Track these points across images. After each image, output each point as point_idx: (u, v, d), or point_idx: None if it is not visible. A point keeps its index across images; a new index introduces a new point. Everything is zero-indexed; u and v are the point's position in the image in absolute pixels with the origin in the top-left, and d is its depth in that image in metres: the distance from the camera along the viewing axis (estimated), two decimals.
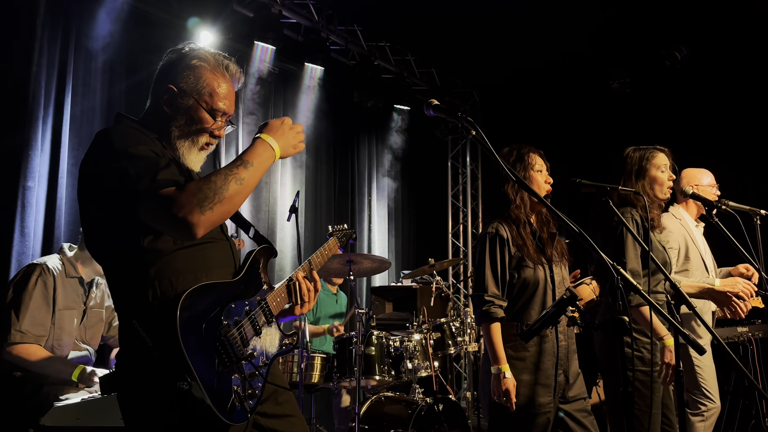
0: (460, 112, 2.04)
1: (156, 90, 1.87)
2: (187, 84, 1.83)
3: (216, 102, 1.86)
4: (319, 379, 4.23)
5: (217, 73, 1.87)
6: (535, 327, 2.00)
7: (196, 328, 1.65)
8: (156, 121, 1.85)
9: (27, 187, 4.24)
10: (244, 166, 1.71)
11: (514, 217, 2.71)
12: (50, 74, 4.44)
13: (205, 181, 1.64)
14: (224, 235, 1.92)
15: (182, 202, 1.59)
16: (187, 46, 1.91)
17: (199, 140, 1.86)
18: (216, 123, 1.87)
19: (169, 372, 1.58)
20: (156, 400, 1.63)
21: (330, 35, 6.02)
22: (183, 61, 1.85)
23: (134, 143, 1.70)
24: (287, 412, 1.95)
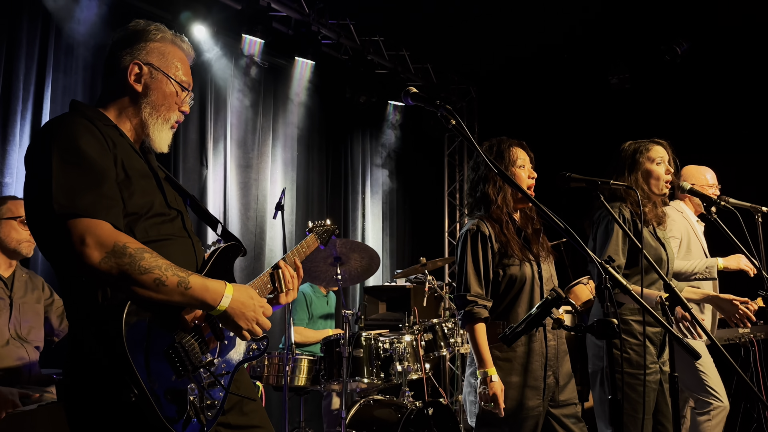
0: (439, 101, 1.90)
1: (115, 72, 1.79)
2: (154, 59, 1.80)
3: (181, 75, 1.84)
4: (305, 381, 4.11)
5: (176, 46, 1.87)
6: (518, 330, 1.87)
7: (146, 334, 1.53)
8: (120, 102, 1.78)
9: (4, 183, 4.13)
10: (182, 283, 1.55)
11: (496, 217, 2.61)
12: (29, 68, 4.33)
13: (138, 249, 1.51)
14: (186, 232, 1.80)
15: (90, 238, 1.48)
16: (140, 23, 1.85)
17: (171, 117, 1.83)
18: (183, 97, 1.85)
19: (115, 381, 1.46)
20: (101, 411, 1.52)
21: (321, 29, 5.89)
22: (144, 36, 1.82)
23: (78, 147, 1.57)
24: (253, 423, 1.83)
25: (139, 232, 1.65)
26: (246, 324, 1.65)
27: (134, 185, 1.66)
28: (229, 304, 1.62)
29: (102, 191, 1.55)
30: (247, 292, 1.67)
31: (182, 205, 1.86)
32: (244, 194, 5.84)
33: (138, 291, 1.51)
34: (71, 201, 1.50)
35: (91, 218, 1.50)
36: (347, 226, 7.02)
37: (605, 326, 1.69)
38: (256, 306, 1.67)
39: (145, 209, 1.68)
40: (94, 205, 1.52)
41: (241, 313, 1.64)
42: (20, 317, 2.85)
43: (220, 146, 5.64)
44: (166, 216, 1.74)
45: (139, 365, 1.48)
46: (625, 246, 2.81)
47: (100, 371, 1.51)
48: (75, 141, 1.58)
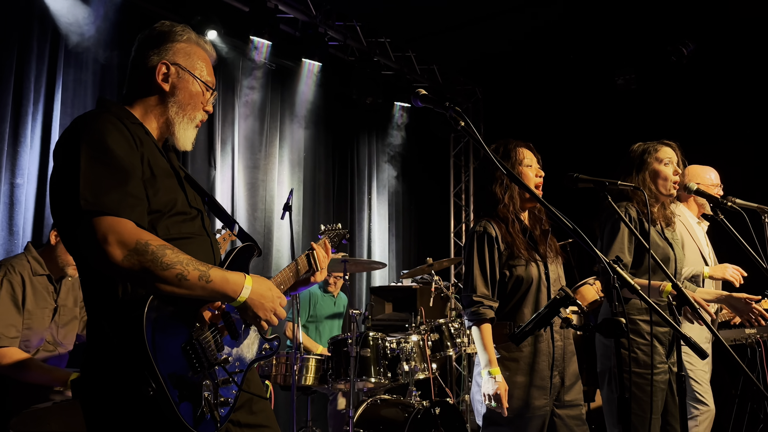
0: (448, 102, 1.92)
1: (142, 71, 1.81)
2: (180, 59, 1.83)
3: (206, 75, 1.88)
4: (313, 381, 4.14)
5: (199, 47, 1.90)
6: (526, 329, 1.89)
7: (166, 330, 1.56)
8: (147, 101, 1.81)
9: (16, 184, 4.17)
10: (203, 277, 1.59)
11: (502, 216, 2.62)
12: (40, 70, 4.37)
13: (160, 246, 1.55)
14: (205, 231, 1.83)
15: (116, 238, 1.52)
16: (166, 24, 1.89)
17: (196, 116, 1.86)
18: (208, 97, 1.89)
19: (133, 375, 1.49)
20: (119, 404, 1.54)
21: (328, 30, 5.92)
22: (171, 37, 1.84)
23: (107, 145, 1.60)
24: (261, 422, 1.85)
25: (161, 229, 1.68)
26: (264, 314, 1.70)
27: (159, 183, 1.69)
28: (249, 295, 1.66)
29: (127, 189, 1.58)
30: (265, 284, 1.72)
31: (201, 205, 1.89)
32: (251, 195, 5.87)
33: (161, 287, 1.55)
34: (97, 198, 1.53)
35: (114, 216, 1.53)
36: (354, 226, 7.04)
37: (613, 325, 1.70)
38: (274, 297, 1.72)
39: (168, 207, 1.71)
40: (119, 203, 1.55)
41: (260, 303, 1.68)
42: (59, 321, 2.90)
43: (227, 147, 5.68)
44: (187, 215, 1.77)
45: (158, 361, 1.50)
46: (631, 245, 2.82)
47: (119, 365, 1.53)
48: (103, 138, 1.60)
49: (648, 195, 2.90)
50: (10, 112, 4.16)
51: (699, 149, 4.25)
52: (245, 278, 1.67)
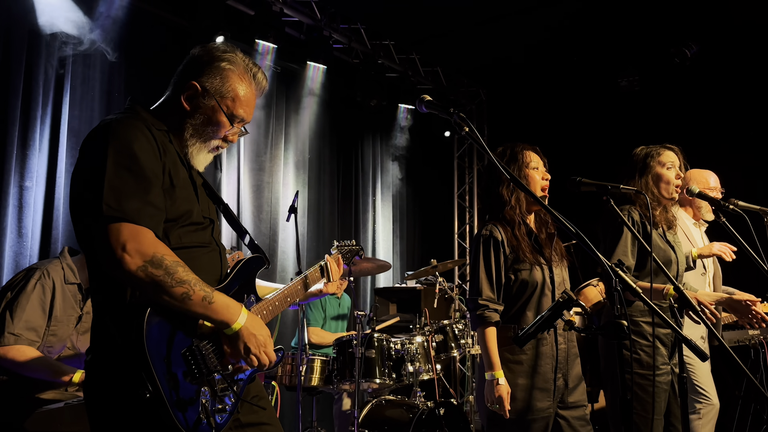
0: (453, 108, 1.96)
1: (178, 83, 1.83)
2: (212, 84, 1.80)
3: (237, 108, 1.82)
4: (318, 381, 4.17)
5: (243, 79, 1.84)
6: (529, 331, 1.92)
7: (167, 336, 1.59)
8: (171, 114, 1.82)
9: (25, 187, 4.21)
10: (207, 298, 1.63)
11: (509, 218, 2.64)
12: (48, 73, 4.41)
13: (173, 263, 1.59)
14: (215, 241, 1.86)
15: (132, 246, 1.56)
16: (220, 45, 1.87)
17: (212, 143, 1.84)
18: (232, 129, 1.84)
19: (132, 377, 1.52)
20: (119, 405, 1.58)
21: (333, 33, 5.96)
22: (212, 61, 1.82)
23: (132, 151, 1.63)
24: (263, 420, 1.88)
25: (174, 237, 1.71)
26: (254, 349, 1.71)
27: (177, 193, 1.72)
28: (244, 324, 1.69)
29: (149, 198, 1.61)
30: (258, 322, 1.75)
31: (214, 214, 1.92)
32: (257, 197, 5.91)
33: (166, 300, 1.59)
34: (119, 204, 1.56)
35: (134, 224, 1.57)
36: (358, 227, 7.07)
37: (615, 328, 1.73)
38: (266, 336, 1.74)
39: (184, 218, 1.74)
40: (140, 212, 1.58)
41: (252, 335, 1.70)
42: (80, 328, 2.92)
43: (233, 150, 5.72)
44: (199, 225, 1.80)
45: (156, 364, 1.53)
46: (634, 248, 2.84)
47: (118, 366, 1.57)
48: (131, 144, 1.63)
49: (651, 198, 2.92)
50: (19, 115, 4.19)
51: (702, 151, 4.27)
52: (242, 311, 1.71)
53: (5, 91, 4.16)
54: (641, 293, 1.76)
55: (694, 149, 3.43)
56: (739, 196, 3.53)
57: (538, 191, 2.65)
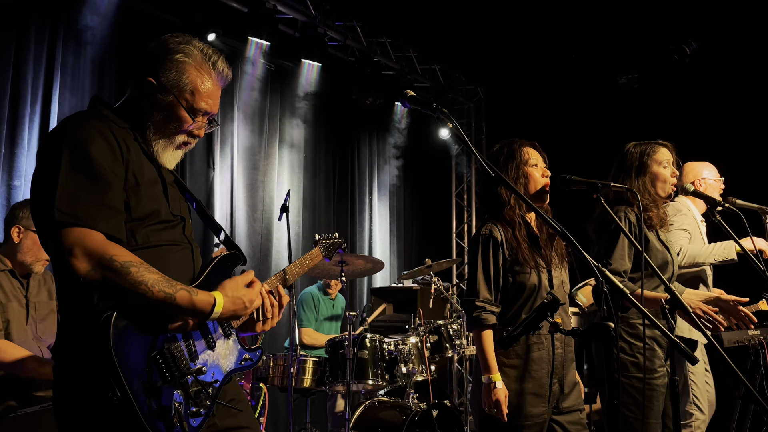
0: (436, 104, 1.90)
1: (139, 78, 1.76)
2: (167, 78, 1.72)
3: (197, 101, 1.75)
4: (311, 383, 4.12)
5: (202, 70, 1.76)
6: (514, 333, 1.86)
7: (135, 338, 1.54)
8: (133, 112, 1.75)
9: (13, 186, 4.18)
10: (168, 299, 1.55)
11: (509, 219, 2.57)
12: (37, 71, 4.37)
13: (125, 263, 1.51)
14: (186, 239, 1.81)
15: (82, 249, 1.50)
16: (173, 37, 1.79)
17: (176, 139, 1.77)
18: (195, 123, 1.77)
19: (100, 382, 1.47)
20: (86, 411, 1.53)
21: (328, 31, 5.91)
22: (166, 54, 1.74)
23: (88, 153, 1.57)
24: (240, 423, 1.82)
25: (141, 237, 1.66)
26: (238, 317, 1.73)
27: (142, 192, 1.67)
28: (220, 316, 1.66)
29: (104, 200, 1.56)
30: (235, 295, 1.70)
31: (186, 211, 1.86)
32: (251, 196, 5.86)
33: (124, 301, 1.54)
34: (72, 209, 1.52)
35: (86, 228, 1.51)
36: (354, 226, 7.02)
37: (601, 330, 1.68)
38: (246, 304, 1.72)
39: (150, 217, 1.69)
40: (94, 215, 1.53)
41: (232, 311, 1.69)
42: (36, 316, 2.87)
43: (227, 148, 5.67)
44: (168, 223, 1.74)
45: (124, 368, 1.48)
46: (631, 251, 2.79)
47: (85, 371, 1.52)
48: (87, 145, 1.58)
49: (648, 198, 2.87)
50: (7, 113, 4.16)
51: (702, 149, 4.21)
52: (215, 302, 1.64)
53: None
54: (629, 294, 1.70)
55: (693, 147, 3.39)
56: (738, 194, 3.47)
57: (539, 189, 2.58)
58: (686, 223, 3.53)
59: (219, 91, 1.82)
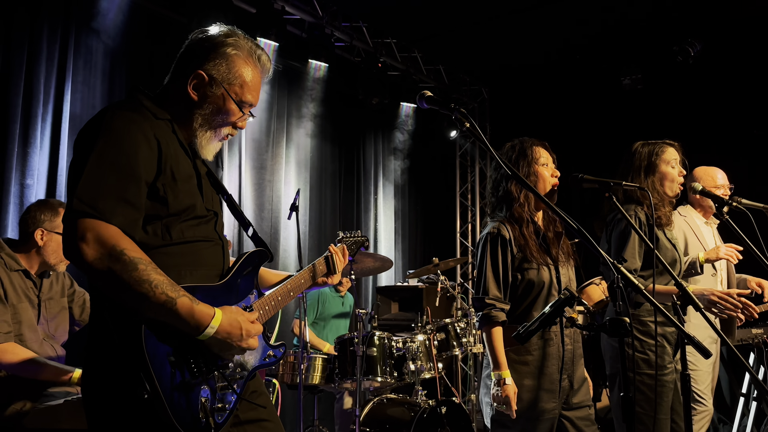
0: (453, 104, 1.94)
1: (181, 71, 1.76)
2: (218, 72, 1.74)
3: (245, 93, 1.78)
4: (320, 380, 4.16)
5: (249, 62, 1.78)
6: (531, 328, 1.90)
7: (165, 333, 1.56)
8: (175, 103, 1.76)
9: (26, 185, 4.21)
10: (169, 303, 1.52)
11: (517, 215, 2.60)
12: (49, 71, 4.40)
13: (134, 259, 1.51)
14: (217, 235, 1.82)
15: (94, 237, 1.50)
16: (219, 28, 1.80)
17: (222, 131, 1.79)
18: (242, 115, 1.79)
19: (130, 377, 1.50)
20: (116, 404, 1.55)
21: (334, 31, 5.95)
22: (216, 47, 1.75)
23: (121, 145, 1.57)
24: (262, 416, 1.84)
25: (175, 232, 1.67)
26: (229, 353, 1.65)
27: (179, 187, 1.67)
28: (214, 334, 1.59)
29: (126, 196, 1.56)
30: (235, 317, 1.64)
31: (218, 205, 1.86)
32: (258, 195, 5.90)
33: (123, 299, 1.52)
34: (93, 200, 1.52)
35: (102, 221, 1.51)
36: (360, 226, 7.06)
37: (617, 325, 1.72)
38: (242, 332, 1.65)
39: (187, 212, 1.69)
40: (113, 209, 1.53)
41: (225, 343, 1.62)
42: (47, 315, 2.89)
43: (234, 148, 5.71)
44: (202, 218, 1.75)
45: (155, 364, 1.50)
46: (641, 249, 2.82)
47: (117, 366, 1.54)
48: (120, 137, 1.58)
49: (657, 197, 2.90)
50: (20, 113, 4.19)
51: (706, 149, 4.25)
52: (214, 315, 1.59)
53: (6, 90, 4.16)
54: (643, 289, 1.74)
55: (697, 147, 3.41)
56: (743, 193, 3.51)
57: (548, 188, 2.62)
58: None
59: (261, 83, 1.84)
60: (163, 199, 1.64)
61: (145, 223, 1.63)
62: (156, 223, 1.65)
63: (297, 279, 2.04)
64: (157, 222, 1.65)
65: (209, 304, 1.62)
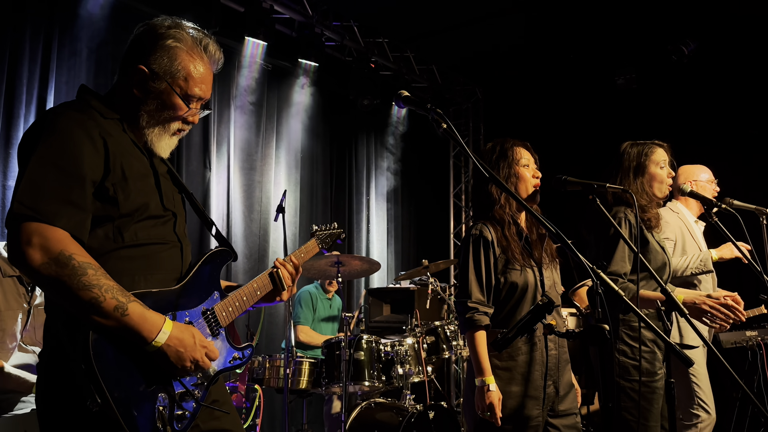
0: (430, 104, 1.88)
1: (125, 68, 1.70)
2: (159, 66, 1.67)
3: (191, 87, 1.70)
4: (307, 384, 4.11)
5: (194, 54, 1.70)
6: (508, 335, 1.85)
7: (117, 342, 1.49)
8: (123, 102, 1.69)
9: (8, 186, 4.16)
10: (120, 308, 1.46)
11: (498, 217, 2.54)
12: (32, 70, 4.36)
13: (83, 264, 1.45)
14: (176, 236, 1.74)
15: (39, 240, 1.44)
16: (162, 21, 1.73)
17: (171, 126, 1.72)
18: (190, 110, 1.72)
19: (80, 388, 1.43)
20: (67, 417, 1.49)
21: (325, 31, 5.90)
22: (156, 40, 1.68)
23: (62, 146, 1.51)
24: (225, 426, 1.77)
25: (129, 234, 1.61)
26: (181, 365, 1.55)
27: (131, 185, 1.61)
28: (166, 341, 1.52)
29: (70, 197, 1.50)
30: (189, 332, 1.58)
31: (179, 205, 1.80)
32: (247, 196, 5.85)
33: (72, 306, 1.47)
34: (35, 203, 1.46)
35: (47, 224, 1.46)
36: (352, 227, 7.01)
37: (597, 332, 1.66)
38: (197, 347, 1.58)
39: (139, 211, 1.63)
40: (56, 211, 1.47)
41: (177, 353, 1.54)
42: (35, 323, 2.84)
43: (223, 149, 5.65)
44: (159, 219, 1.69)
45: (105, 374, 1.44)
46: (630, 252, 2.77)
47: (67, 377, 1.48)
48: (62, 138, 1.53)
49: (646, 198, 2.85)
50: (2, 113, 4.16)
51: (700, 149, 4.21)
52: (164, 322, 1.53)
53: None
54: (623, 296, 1.68)
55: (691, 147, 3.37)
56: (737, 194, 3.46)
57: (530, 189, 2.57)
58: (668, 231, 3.51)
59: (212, 75, 1.77)
60: (113, 199, 1.58)
61: (96, 225, 1.57)
62: (107, 225, 1.59)
63: (261, 279, 1.93)
64: (109, 224, 1.59)
65: (166, 311, 1.56)
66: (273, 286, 1.93)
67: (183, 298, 1.67)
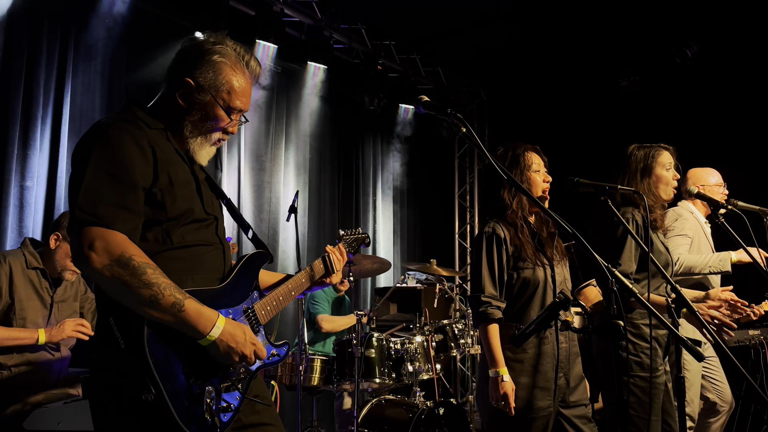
0: (450, 109, 1.96)
1: (171, 80, 1.81)
2: (205, 79, 1.77)
3: (233, 100, 1.81)
4: (318, 381, 4.19)
5: (237, 69, 1.81)
6: (527, 331, 1.92)
7: (168, 336, 1.59)
8: (167, 112, 1.80)
9: (26, 186, 4.23)
10: (177, 304, 1.57)
11: (511, 221, 2.65)
12: (49, 73, 4.42)
13: (142, 264, 1.56)
14: (218, 238, 1.85)
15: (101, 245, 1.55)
16: (208, 37, 1.84)
17: (212, 136, 1.83)
18: (231, 121, 1.82)
19: (135, 379, 1.52)
20: (121, 408, 1.57)
21: (333, 33, 5.96)
22: (203, 55, 1.79)
23: (115, 155, 1.62)
24: (264, 420, 1.87)
25: (177, 236, 1.71)
26: (235, 357, 1.66)
27: (177, 191, 1.72)
28: (219, 335, 1.62)
29: (125, 203, 1.60)
30: (240, 328, 1.68)
31: (218, 210, 1.91)
32: (257, 197, 5.92)
33: (132, 303, 1.56)
34: (93, 208, 1.57)
35: (106, 228, 1.56)
36: (358, 227, 7.06)
37: (612, 328, 1.73)
38: (247, 343, 1.68)
39: (185, 215, 1.73)
40: (113, 216, 1.58)
41: (229, 347, 1.64)
42: (59, 316, 2.93)
43: (234, 150, 5.73)
44: (202, 222, 1.78)
45: (158, 366, 1.53)
46: (636, 252, 2.84)
47: (122, 371, 1.57)
48: (115, 147, 1.63)
49: (652, 200, 2.93)
50: (19, 115, 4.21)
51: (703, 151, 4.26)
52: (218, 317, 1.63)
53: (6, 92, 4.18)
54: (637, 293, 1.76)
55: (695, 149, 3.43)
56: (740, 196, 3.53)
57: (539, 194, 2.66)
58: (687, 228, 3.57)
59: (251, 89, 1.87)
60: (161, 204, 1.69)
61: (145, 229, 1.67)
62: (156, 229, 1.69)
63: (297, 279, 2.08)
64: (158, 227, 1.69)
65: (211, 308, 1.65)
66: (324, 270, 2.18)
67: (226, 297, 1.77)
